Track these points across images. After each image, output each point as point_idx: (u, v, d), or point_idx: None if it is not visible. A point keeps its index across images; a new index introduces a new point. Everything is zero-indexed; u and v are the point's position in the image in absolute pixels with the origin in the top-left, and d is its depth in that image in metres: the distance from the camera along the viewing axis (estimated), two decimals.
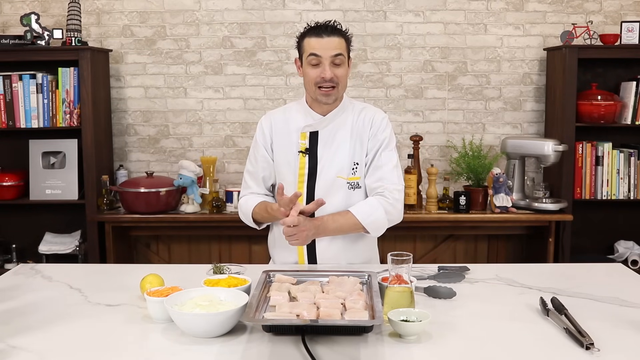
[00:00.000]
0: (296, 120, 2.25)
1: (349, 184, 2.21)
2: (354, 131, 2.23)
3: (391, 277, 1.67)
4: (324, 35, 2.12)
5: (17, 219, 3.74)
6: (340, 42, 2.15)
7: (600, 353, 1.46)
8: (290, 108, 2.32)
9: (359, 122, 2.23)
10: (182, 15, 3.74)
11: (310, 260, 2.24)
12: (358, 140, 2.22)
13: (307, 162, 2.22)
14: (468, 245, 3.73)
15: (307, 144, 2.22)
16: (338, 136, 2.22)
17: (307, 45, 2.15)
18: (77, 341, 1.57)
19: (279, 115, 2.30)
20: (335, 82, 2.14)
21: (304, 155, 2.22)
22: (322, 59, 2.12)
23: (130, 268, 2.41)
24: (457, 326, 1.64)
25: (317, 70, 2.13)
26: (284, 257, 2.30)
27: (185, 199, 3.50)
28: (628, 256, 3.60)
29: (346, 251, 2.24)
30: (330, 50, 2.12)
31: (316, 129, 2.22)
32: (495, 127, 3.81)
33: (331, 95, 2.16)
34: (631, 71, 3.65)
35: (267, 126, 2.29)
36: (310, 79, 2.16)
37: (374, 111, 2.27)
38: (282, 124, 2.27)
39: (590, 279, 2.08)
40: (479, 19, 3.74)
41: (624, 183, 3.57)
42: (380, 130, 2.23)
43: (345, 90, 2.23)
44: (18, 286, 2.00)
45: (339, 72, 2.14)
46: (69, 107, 3.48)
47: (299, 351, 1.48)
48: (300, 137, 2.23)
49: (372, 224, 2.15)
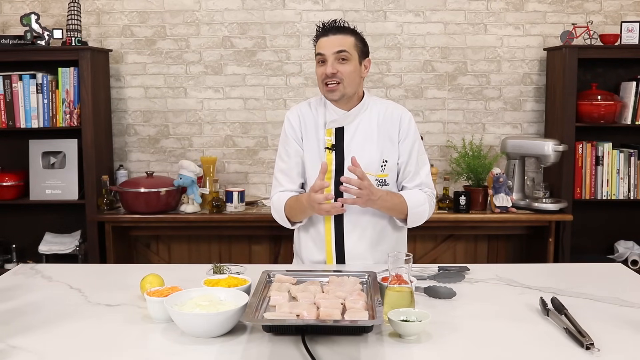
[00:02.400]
0: (323, 115, 2.25)
1: (377, 181, 2.21)
2: (382, 128, 2.23)
3: (391, 277, 1.67)
4: (329, 34, 2.17)
5: (17, 219, 3.74)
6: (345, 39, 2.17)
7: (600, 353, 1.46)
8: (314, 103, 2.31)
9: (386, 119, 2.24)
10: (182, 15, 3.74)
11: (339, 259, 2.23)
12: (387, 138, 2.23)
13: (334, 159, 2.21)
14: (468, 245, 3.73)
15: (333, 140, 2.22)
16: (364, 132, 2.22)
17: (316, 46, 2.21)
18: (77, 341, 1.57)
19: (306, 109, 2.30)
20: (339, 77, 2.14)
21: (331, 151, 2.22)
22: (326, 56, 2.15)
23: (130, 268, 2.42)
24: (457, 326, 1.64)
25: (322, 67, 2.17)
26: (310, 257, 2.29)
27: (185, 199, 3.50)
28: (628, 256, 3.60)
29: (374, 249, 2.24)
30: (334, 47, 2.15)
31: (341, 124, 2.22)
32: (495, 127, 3.81)
33: (335, 91, 2.16)
34: (631, 71, 3.65)
35: (295, 120, 2.28)
36: (318, 77, 2.20)
37: (400, 110, 2.28)
38: (309, 119, 2.26)
39: (590, 279, 2.08)
40: (479, 19, 3.74)
41: (624, 183, 3.57)
42: (411, 132, 2.25)
43: (356, 88, 2.22)
44: (18, 286, 2.00)
45: (343, 68, 2.15)
46: (69, 107, 3.48)
47: (299, 351, 1.48)
48: (326, 133, 2.23)
49: (415, 215, 2.20)
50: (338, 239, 2.21)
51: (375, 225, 2.23)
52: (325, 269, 2.15)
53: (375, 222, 2.23)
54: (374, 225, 2.23)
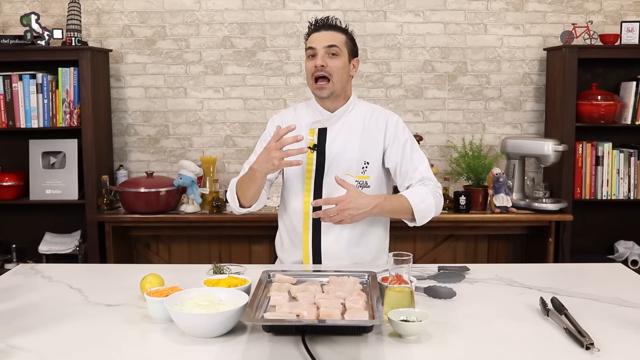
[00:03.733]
0: (305, 117, 2.26)
1: (358, 182, 2.21)
2: (365, 130, 2.23)
3: (391, 277, 1.67)
4: (321, 29, 2.21)
5: (17, 219, 3.74)
6: (336, 35, 2.19)
7: (600, 353, 1.46)
8: (299, 108, 2.34)
9: (371, 122, 2.24)
10: (182, 15, 3.74)
11: (315, 259, 2.22)
12: (370, 140, 2.22)
13: (315, 159, 2.21)
14: (468, 245, 3.73)
15: (316, 140, 2.22)
16: (347, 133, 2.22)
17: (308, 41, 2.23)
18: (77, 341, 1.57)
19: (290, 114, 2.32)
20: (328, 72, 2.14)
21: (312, 151, 2.22)
22: (317, 50, 2.17)
23: (130, 268, 2.41)
24: (457, 326, 1.64)
25: (312, 61, 2.18)
26: (289, 257, 2.29)
27: (185, 199, 3.50)
28: (628, 256, 3.61)
29: (351, 249, 2.22)
30: (324, 42, 2.17)
31: (324, 125, 2.23)
32: (495, 127, 3.81)
33: (325, 88, 2.16)
34: (631, 71, 3.65)
35: (278, 123, 2.27)
36: (307, 71, 2.21)
37: (386, 114, 2.28)
38: (293, 121, 2.24)
39: (590, 279, 2.08)
40: (479, 19, 3.74)
41: (624, 183, 3.57)
42: (399, 134, 2.24)
43: (344, 85, 2.22)
44: (18, 286, 2.00)
45: (332, 62, 2.15)
46: (69, 107, 3.48)
47: (299, 351, 1.48)
48: (309, 133, 2.23)
49: (422, 211, 2.15)
50: (315, 238, 2.20)
51: (354, 226, 2.20)
52: (325, 269, 2.15)
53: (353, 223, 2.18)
54: (353, 226, 2.20)
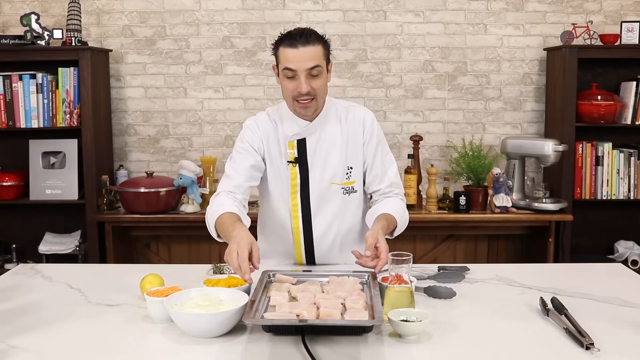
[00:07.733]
0: (283, 128, 2.13)
1: (344, 189, 2.16)
2: (345, 133, 2.14)
3: (391, 277, 1.67)
4: (298, 45, 1.96)
5: (17, 219, 3.74)
6: (317, 51, 1.99)
7: (600, 353, 1.46)
8: (272, 114, 2.17)
9: (348, 124, 2.15)
10: (182, 15, 3.74)
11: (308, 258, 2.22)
12: (351, 143, 2.14)
13: (298, 172, 2.13)
14: (468, 245, 3.73)
15: (296, 152, 2.13)
16: (328, 141, 2.13)
17: (282, 56, 2.00)
18: (77, 341, 1.57)
19: (265, 123, 2.16)
20: (313, 94, 2.02)
21: (294, 165, 2.13)
22: (298, 72, 1.98)
23: (130, 268, 2.41)
24: (457, 326, 1.64)
25: (293, 83, 2.00)
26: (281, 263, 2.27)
27: (185, 199, 3.50)
28: (628, 256, 3.60)
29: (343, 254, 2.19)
30: (306, 63, 1.97)
31: (303, 136, 2.12)
32: (495, 127, 3.81)
33: (309, 107, 2.05)
34: (631, 71, 3.65)
35: (255, 130, 2.16)
36: (287, 92, 2.04)
37: (362, 111, 2.19)
38: (271, 132, 2.15)
39: (590, 279, 2.08)
40: (479, 19, 3.74)
41: (624, 183, 3.57)
42: (374, 133, 2.17)
43: (325, 98, 2.12)
44: (18, 286, 2.00)
45: (316, 84, 2.00)
46: (69, 107, 3.48)
47: (299, 351, 1.48)
48: (288, 146, 2.13)
49: (402, 225, 2.17)
50: (307, 246, 2.18)
51: (347, 232, 2.21)
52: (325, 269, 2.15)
53: (346, 228, 2.19)
54: (345, 233, 2.21)
